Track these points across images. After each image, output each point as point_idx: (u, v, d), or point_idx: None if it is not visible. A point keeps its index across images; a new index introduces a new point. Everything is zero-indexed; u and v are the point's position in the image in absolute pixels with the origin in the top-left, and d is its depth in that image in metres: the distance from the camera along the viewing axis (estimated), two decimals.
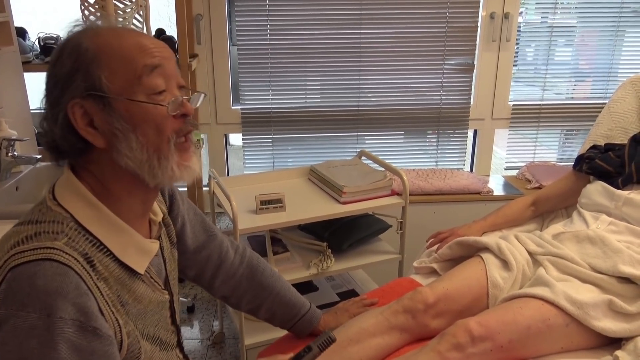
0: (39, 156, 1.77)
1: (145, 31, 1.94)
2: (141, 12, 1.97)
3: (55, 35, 2.32)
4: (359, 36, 2.58)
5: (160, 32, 2.47)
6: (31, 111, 2.06)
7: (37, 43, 2.36)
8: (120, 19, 1.91)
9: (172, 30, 2.47)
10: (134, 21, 1.94)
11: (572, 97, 2.84)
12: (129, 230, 0.81)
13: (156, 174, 0.79)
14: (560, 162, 2.85)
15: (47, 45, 2.29)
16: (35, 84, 2.33)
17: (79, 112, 0.75)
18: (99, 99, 0.75)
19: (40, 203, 0.79)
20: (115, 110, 0.76)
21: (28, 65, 2.24)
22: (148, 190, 0.83)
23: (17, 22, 2.07)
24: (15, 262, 0.70)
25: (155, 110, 0.77)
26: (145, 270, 0.85)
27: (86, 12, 1.88)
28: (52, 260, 0.70)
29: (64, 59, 0.75)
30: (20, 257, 0.70)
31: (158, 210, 0.93)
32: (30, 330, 0.67)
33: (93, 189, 0.79)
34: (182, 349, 0.99)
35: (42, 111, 0.80)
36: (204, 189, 2.69)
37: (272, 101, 2.68)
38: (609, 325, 1.17)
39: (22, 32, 2.34)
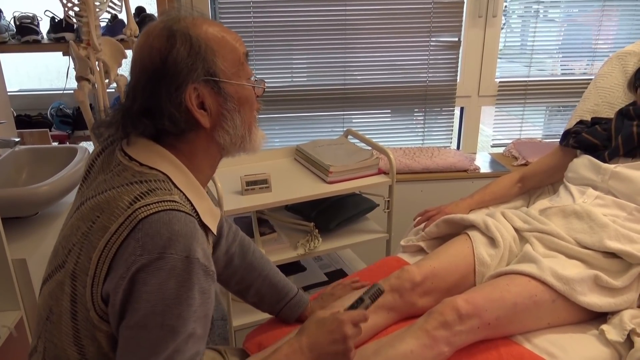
0: (17, 139, 1.73)
1: (124, 9, 1.88)
2: None
3: (31, 15, 2.25)
4: (344, 13, 2.54)
5: (140, 11, 2.40)
6: (8, 93, 2.00)
7: (12, 22, 2.29)
8: None
9: (152, 9, 2.40)
10: None
11: (558, 73, 2.84)
12: (206, 196, 0.91)
13: (245, 146, 0.93)
14: (546, 138, 2.86)
15: (23, 25, 2.21)
16: (12, 65, 2.27)
17: (193, 95, 0.83)
18: (213, 83, 0.85)
19: (124, 170, 0.83)
20: (227, 93, 0.86)
21: (4, 46, 2.17)
22: (219, 162, 0.96)
23: None
24: (144, 213, 0.75)
25: (252, 92, 0.91)
26: None
27: None
28: (178, 210, 0.77)
29: (179, 47, 0.82)
30: (147, 209, 0.76)
31: None
32: (171, 270, 0.73)
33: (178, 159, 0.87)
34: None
35: (145, 91, 0.84)
36: None
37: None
38: (595, 300, 1.18)
39: None
